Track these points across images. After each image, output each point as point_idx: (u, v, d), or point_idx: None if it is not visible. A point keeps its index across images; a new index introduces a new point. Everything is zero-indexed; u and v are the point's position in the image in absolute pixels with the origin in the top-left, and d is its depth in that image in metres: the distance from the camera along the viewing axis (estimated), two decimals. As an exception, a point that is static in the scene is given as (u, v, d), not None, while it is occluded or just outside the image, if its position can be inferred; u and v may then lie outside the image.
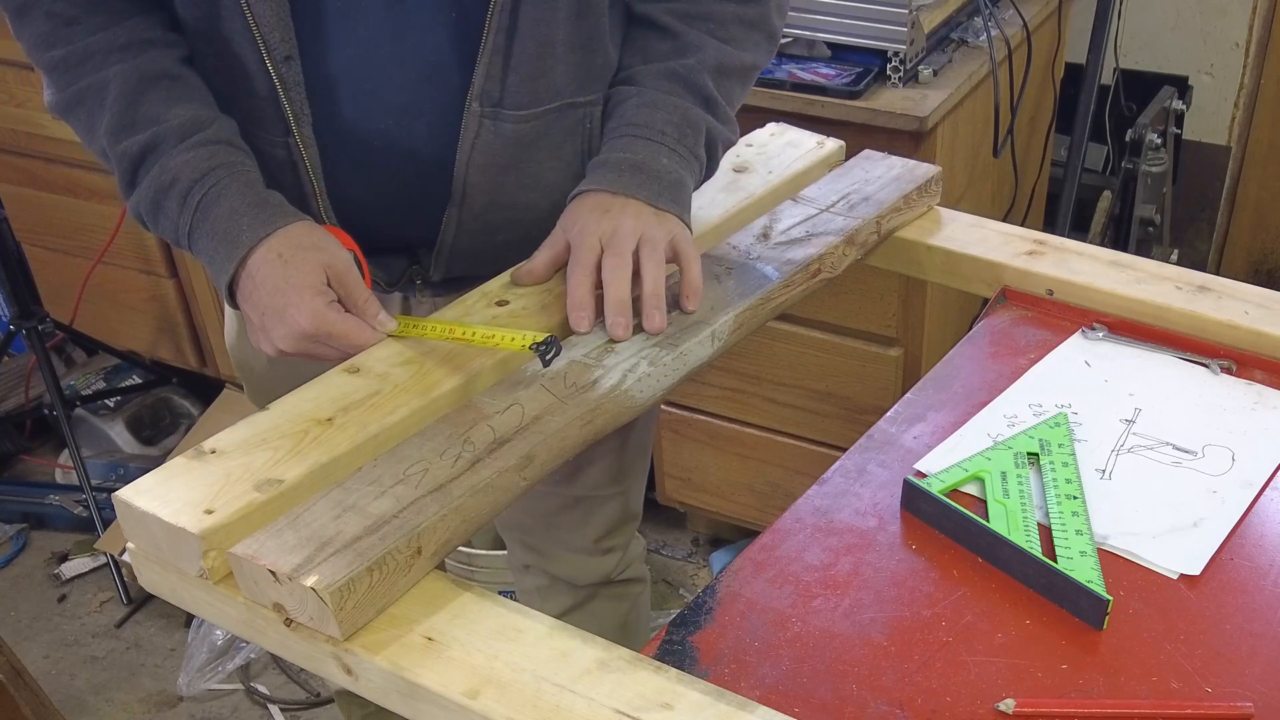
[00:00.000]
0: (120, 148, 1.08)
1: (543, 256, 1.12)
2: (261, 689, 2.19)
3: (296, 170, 1.13)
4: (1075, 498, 0.96)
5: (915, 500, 0.97)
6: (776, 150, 1.35)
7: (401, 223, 1.19)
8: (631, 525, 1.54)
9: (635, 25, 1.19)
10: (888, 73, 1.78)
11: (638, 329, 1.06)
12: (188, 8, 1.09)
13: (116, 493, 0.89)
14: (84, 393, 2.68)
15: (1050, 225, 2.32)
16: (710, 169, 1.20)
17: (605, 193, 1.11)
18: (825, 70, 1.79)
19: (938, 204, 1.33)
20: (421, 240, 1.20)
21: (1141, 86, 2.36)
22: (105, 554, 2.39)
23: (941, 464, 1.01)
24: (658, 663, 0.81)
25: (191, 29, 1.11)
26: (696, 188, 1.17)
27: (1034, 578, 0.90)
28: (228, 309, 1.33)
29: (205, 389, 2.72)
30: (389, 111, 1.12)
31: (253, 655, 2.22)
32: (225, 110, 1.12)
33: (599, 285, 1.07)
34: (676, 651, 0.86)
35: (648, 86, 1.16)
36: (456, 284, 1.23)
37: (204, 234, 1.07)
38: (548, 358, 1.00)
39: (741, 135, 1.38)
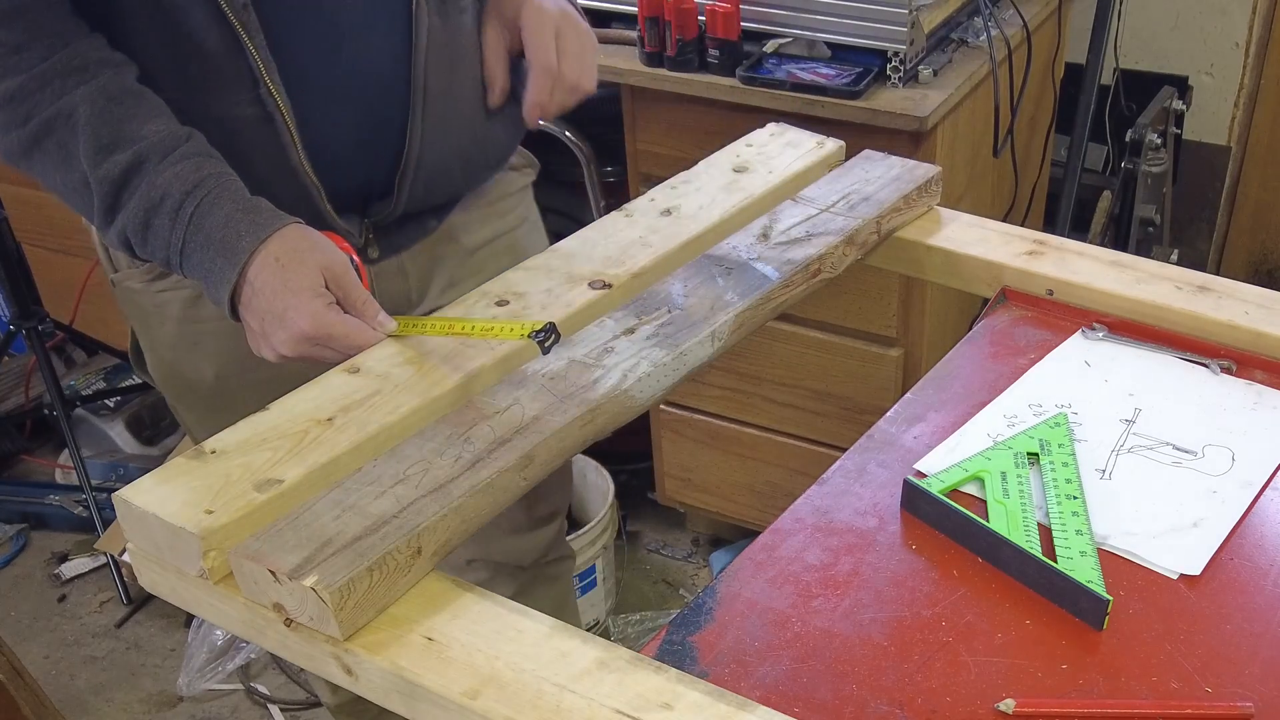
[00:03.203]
0: (101, 171, 1.05)
1: (500, 65, 1.24)
2: (261, 689, 2.19)
3: (273, 123, 1.12)
4: (1075, 498, 0.96)
5: (915, 500, 0.97)
6: (776, 150, 1.35)
7: (370, 151, 1.20)
8: (567, 488, 1.56)
9: None
10: (888, 73, 1.78)
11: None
12: None
13: (116, 493, 0.89)
14: (84, 393, 2.68)
15: (1050, 225, 2.33)
16: None
17: None
18: (825, 70, 1.79)
19: (938, 204, 1.33)
20: (386, 174, 1.21)
21: (1141, 86, 2.36)
22: (105, 554, 2.39)
23: (941, 464, 1.01)
24: (658, 663, 0.81)
25: (135, 10, 1.08)
26: None
27: (1034, 578, 0.90)
28: (145, 349, 1.32)
29: (205, 389, 2.72)
30: (346, 36, 1.14)
31: (253, 655, 2.22)
32: (181, 85, 1.10)
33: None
34: (676, 651, 0.86)
35: None
36: (412, 228, 1.27)
37: (198, 246, 1.06)
38: (546, 344, 1.00)
39: (741, 136, 1.39)
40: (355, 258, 1.09)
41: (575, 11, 1.24)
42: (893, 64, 1.78)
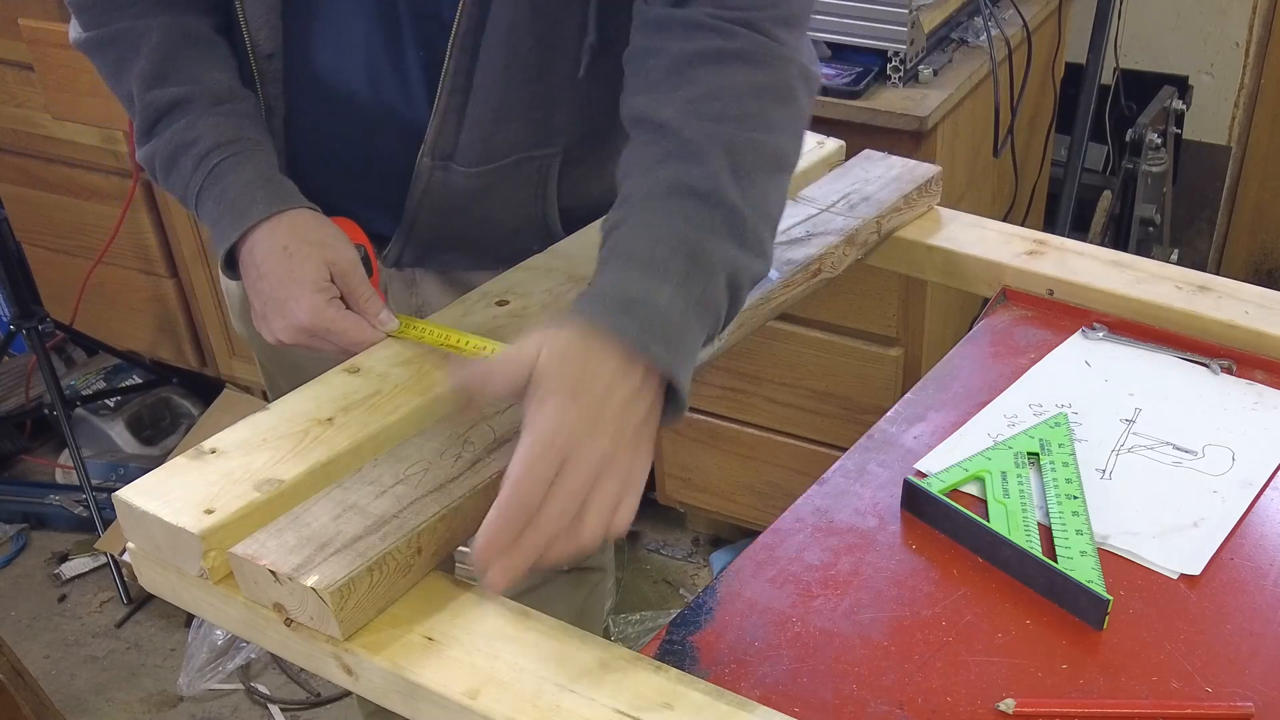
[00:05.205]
0: (149, 96, 1.08)
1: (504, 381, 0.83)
2: (261, 689, 2.19)
3: None
4: (1075, 498, 0.96)
5: (915, 500, 0.97)
6: (776, 150, 1.35)
7: (364, 214, 1.18)
8: None
9: (630, 127, 0.95)
10: (888, 73, 1.78)
11: None
12: None
13: (116, 493, 0.89)
14: (84, 393, 2.68)
15: (1050, 225, 2.33)
16: (732, 312, 0.91)
17: (585, 341, 0.82)
18: (825, 70, 1.79)
19: (938, 204, 1.33)
20: (383, 232, 1.20)
21: (1141, 86, 2.36)
22: (105, 554, 2.39)
23: (941, 464, 1.01)
24: (658, 663, 0.81)
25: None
26: (708, 340, 0.90)
27: (1034, 578, 0.90)
28: (228, 293, 1.33)
29: (205, 389, 2.72)
30: (360, 115, 1.13)
31: (253, 655, 2.22)
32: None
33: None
34: (676, 651, 0.86)
35: (649, 208, 0.88)
36: (420, 268, 1.24)
37: (211, 198, 1.07)
38: None
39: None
40: (369, 248, 1.09)
41: (617, 429, 0.80)
42: (893, 64, 1.78)
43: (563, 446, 0.79)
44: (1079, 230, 2.29)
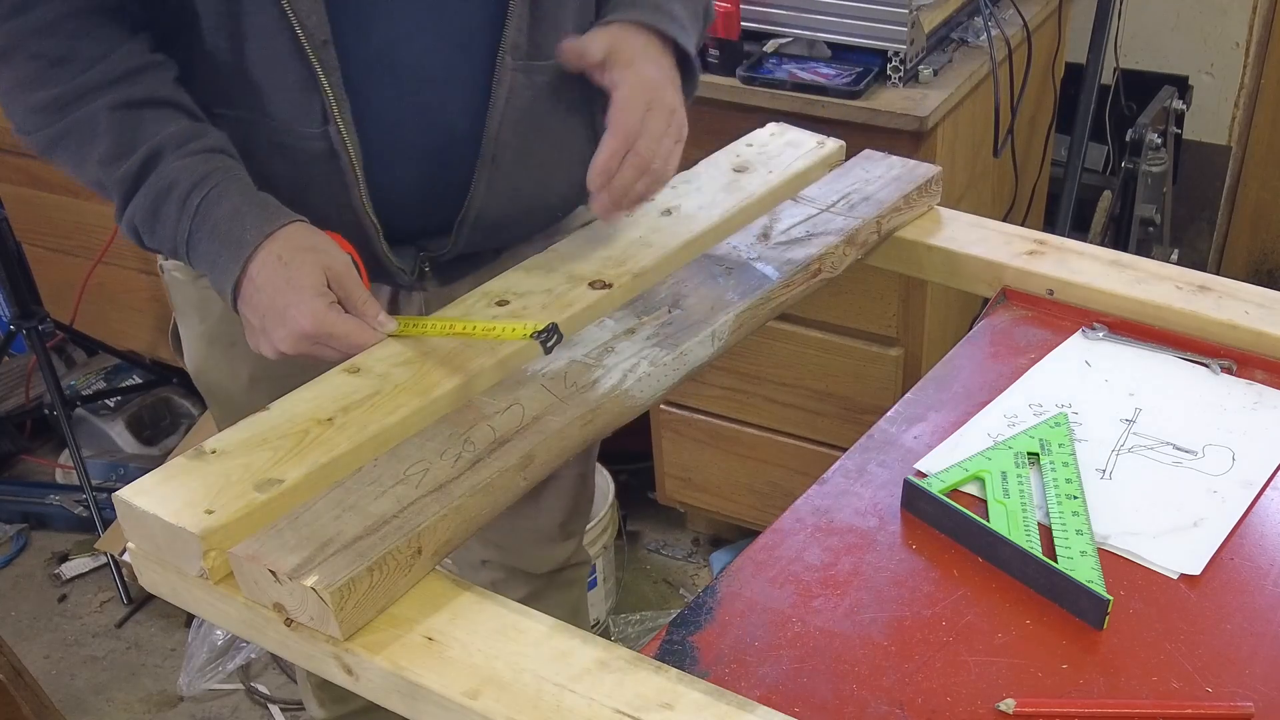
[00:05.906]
0: (119, 174, 1.06)
1: (596, 50, 1.14)
2: (261, 689, 2.19)
3: (337, 160, 1.12)
4: (1075, 498, 0.96)
5: (915, 500, 0.97)
6: (776, 150, 1.35)
7: (432, 197, 1.19)
8: (589, 506, 1.56)
9: None
10: (888, 73, 1.78)
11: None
12: (210, 3, 1.08)
13: (117, 493, 0.89)
14: (84, 393, 2.68)
15: (1050, 225, 2.33)
16: (702, 33, 1.28)
17: (653, 33, 1.17)
18: (825, 70, 1.79)
19: (938, 204, 1.33)
20: (446, 217, 1.20)
21: (1141, 86, 2.36)
22: (105, 554, 2.39)
23: (942, 464, 1.01)
24: (658, 663, 0.81)
25: (213, 26, 1.09)
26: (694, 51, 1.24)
27: (1034, 578, 0.90)
28: (185, 340, 1.32)
29: (205, 389, 2.72)
30: (423, 83, 1.13)
31: (253, 655, 2.22)
32: (254, 106, 1.11)
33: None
34: (676, 651, 0.86)
35: None
36: (468, 263, 1.24)
37: (204, 236, 1.06)
38: (549, 345, 1.00)
39: (742, 135, 1.39)
40: (355, 257, 1.09)
41: (676, 93, 1.16)
42: (893, 64, 1.78)
43: (650, 90, 1.13)
44: (1079, 230, 2.29)
